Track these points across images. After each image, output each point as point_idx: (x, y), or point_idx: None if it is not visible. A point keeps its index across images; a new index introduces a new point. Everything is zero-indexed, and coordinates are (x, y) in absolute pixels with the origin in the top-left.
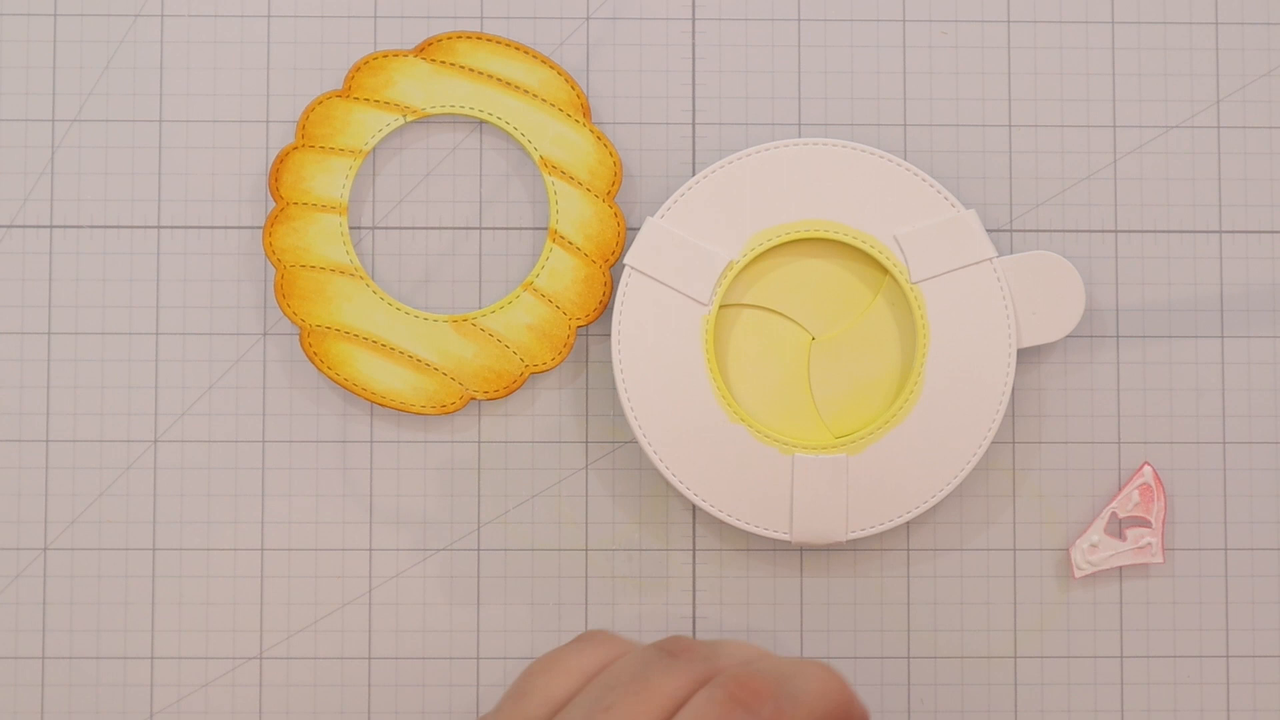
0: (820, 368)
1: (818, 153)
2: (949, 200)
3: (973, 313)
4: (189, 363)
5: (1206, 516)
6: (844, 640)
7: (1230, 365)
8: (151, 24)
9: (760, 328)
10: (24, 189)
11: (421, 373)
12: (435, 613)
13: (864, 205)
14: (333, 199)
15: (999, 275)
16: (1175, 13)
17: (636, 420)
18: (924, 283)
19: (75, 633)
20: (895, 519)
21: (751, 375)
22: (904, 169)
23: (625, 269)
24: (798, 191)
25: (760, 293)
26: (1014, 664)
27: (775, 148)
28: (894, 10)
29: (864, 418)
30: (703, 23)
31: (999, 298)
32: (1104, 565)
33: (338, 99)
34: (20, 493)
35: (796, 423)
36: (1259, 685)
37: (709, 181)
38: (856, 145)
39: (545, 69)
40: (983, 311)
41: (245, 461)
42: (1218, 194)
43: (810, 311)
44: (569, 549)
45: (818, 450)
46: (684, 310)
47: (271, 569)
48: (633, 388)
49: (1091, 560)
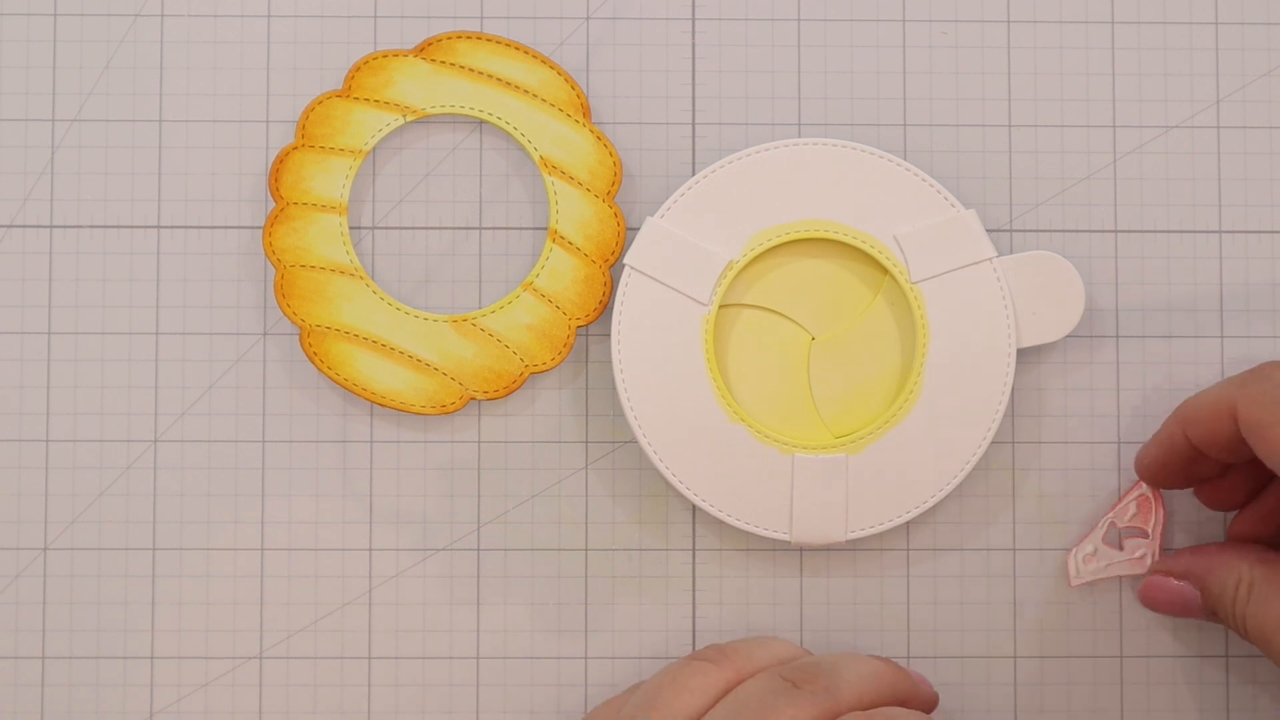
0: (820, 368)
1: (818, 153)
2: (949, 200)
3: (973, 312)
4: (189, 363)
5: (1206, 516)
6: (844, 640)
7: (1230, 365)
8: (151, 24)
9: (760, 328)
10: (24, 189)
11: (421, 373)
12: (435, 613)
13: (863, 205)
14: (333, 199)
15: (999, 275)
16: (1175, 13)
17: (636, 420)
18: (924, 282)
19: (75, 633)
20: (895, 519)
21: (751, 375)
22: (904, 169)
23: (625, 269)
24: (797, 191)
25: (760, 293)
26: (1014, 664)
27: (775, 148)
28: (894, 10)
29: (864, 418)
30: (703, 23)
31: (999, 298)
32: (1101, 575)
33: (338, 99)
34: (20, 493)
35: (796, 422)
36: (1259, 685)
37: (709, 181)
38: (856, 145)
39: (545, 69)
40: (982, 311)
41: (245, 461)
42: (1218, 194)
43: (810, 311)
44: (569, 549)
45: (818, 450)
46: (684, 310)
47: (271, 569)
48: (632, 387)
49: (1088, 569)
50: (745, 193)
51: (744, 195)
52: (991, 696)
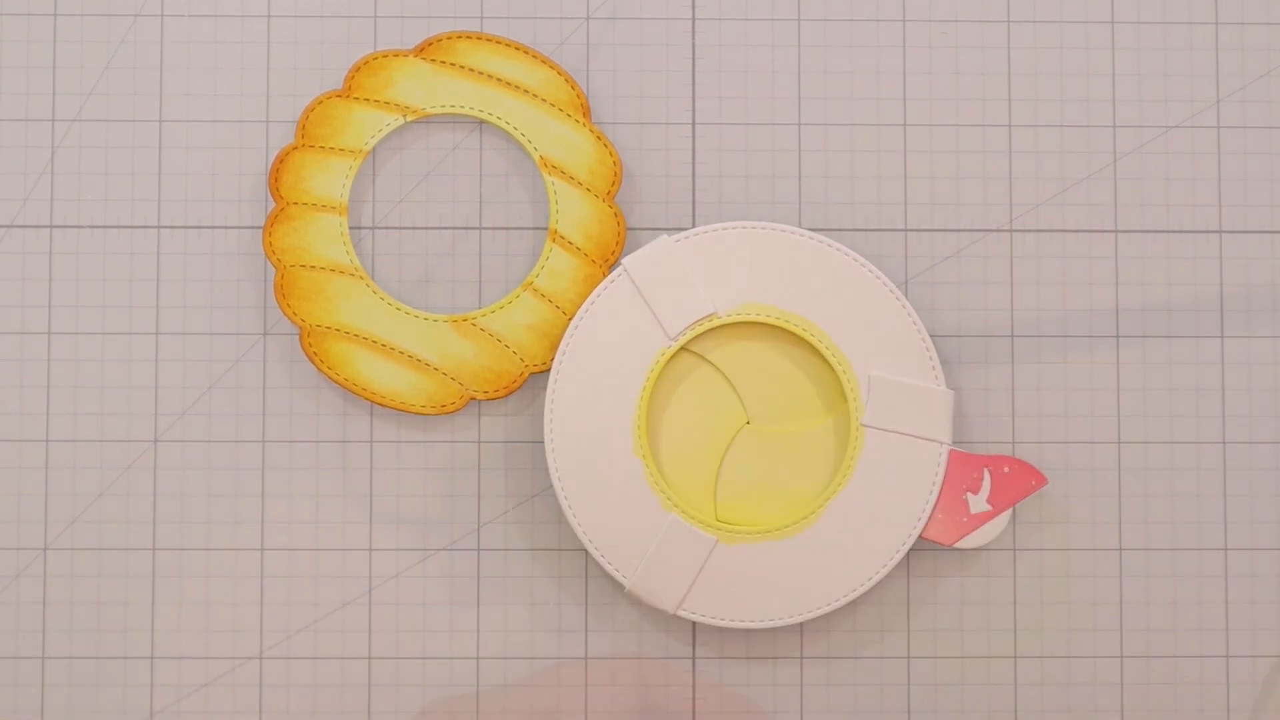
0: (740, 451)
1: (844, 264)
2: (934, 369)
3: (900, 480)
4: (189, 363)
5: (1206, 516)
6: (844, 639)
7: (1230, 365)
8: (151, 24)
9: (707, 387)
10: (24, 189)
11: (421, 373)
12: (435, 613)
13: (856, 330)
14: (333, 199)
15: (941, 463)
16: (1175, 13)
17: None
18: (871, 429)
19: (75, 633)
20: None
21: (677, 424)
22: (914, 324)
23: (620, 268)
24: (806, 283)
25: (725, 356)
26: (1014, 664)
27: (809, 237)
28: (894, 10)
29: (752, 518)
30: (703, 23)
31: (931, 482)
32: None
33: (338, 99)
34: (20, 493)
35: (690, 486)
36: (1259, 685)
37: (735, 234)
38: (887, 282)
39: (545, 69)
40: (910, 486)
41: (245, 461)
42: (1218, 194)
43: (760, 397)
44: (569, 549)
45: (701, 525)
46: (649, 334)
47: (271, 569)
48: (560, 398)
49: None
50: (761, 259)
51: (758, 260)
52: (991, 696)
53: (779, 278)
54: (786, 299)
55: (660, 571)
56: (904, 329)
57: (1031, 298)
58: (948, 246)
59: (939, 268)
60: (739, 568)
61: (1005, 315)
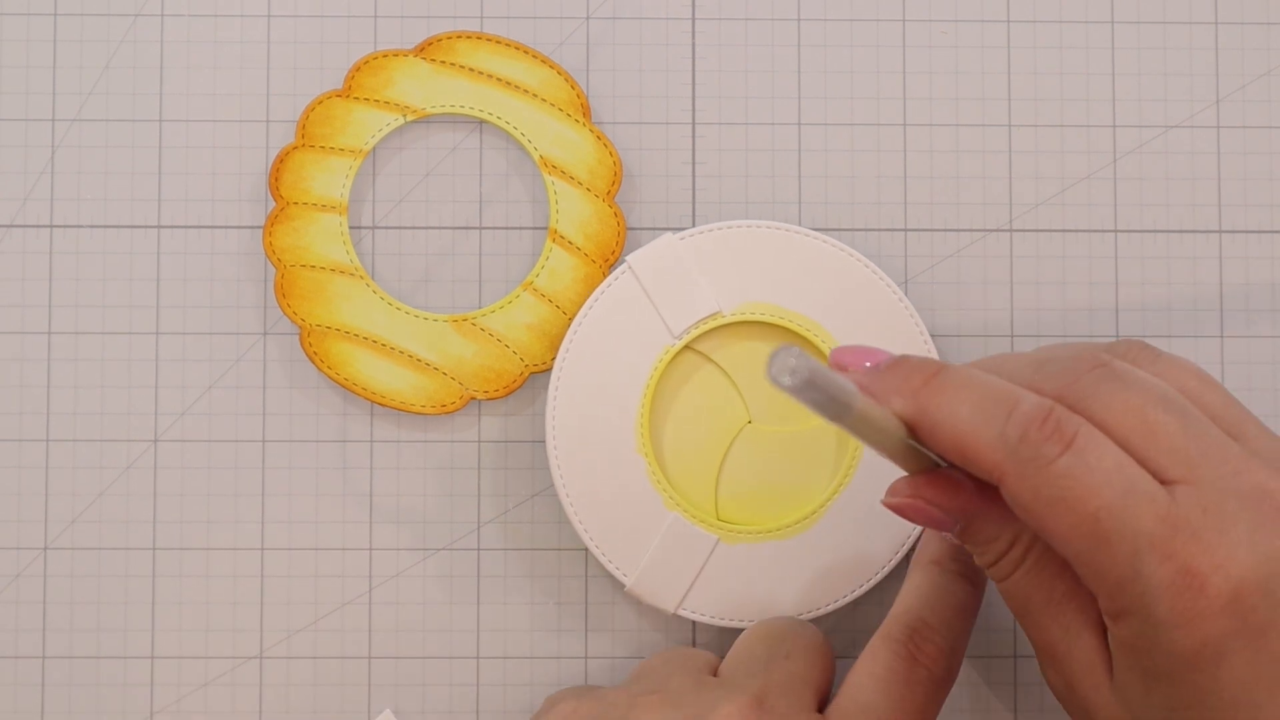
0: (742, 451)
1: (846, 263)
2: None
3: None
4: (189, 363)
5: None
6: (844, 640)
7: (1230, 365)
8: (151, 24)
9: (709, 385)
10: (24, 189)
11: (421, 373)
12: (435, 612)
13: (856, 328)
14: (333, 199)
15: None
16: (1175, 13)
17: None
18: None
19: (75, 632)
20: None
21: (679, 423)
22: (913, 320)
23: (624, 265)
24: (806, 283)
25: (727, 355)
26: (1014, 664)
27: (811, 236)
28: (894, 10)
29: (753, 518)
30: (703, 23)
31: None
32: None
33: (338, 99)
34: (20, 493)
35: (691, 485)
36: None
37: (738, 233)
38: (884, 277)
39: (545, 69)
40: None
41: (245, 461)
42: (1218, 194)
43: (761, 396)
44: (569, 549)
45: (704, 524)
46: (654, 331)
47: (271, 569)
48: (564, 386)
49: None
50: (764, 258)
51: (761, 260)
52: (992, 696)
53: (781, 277)
54: (788, 298)
55: (661, 570)
56: (905, 328)
57: (1031, 298)
58: (948, 246)
59: (939, 268)
60: (739, 567)
61: (1005, 315)
